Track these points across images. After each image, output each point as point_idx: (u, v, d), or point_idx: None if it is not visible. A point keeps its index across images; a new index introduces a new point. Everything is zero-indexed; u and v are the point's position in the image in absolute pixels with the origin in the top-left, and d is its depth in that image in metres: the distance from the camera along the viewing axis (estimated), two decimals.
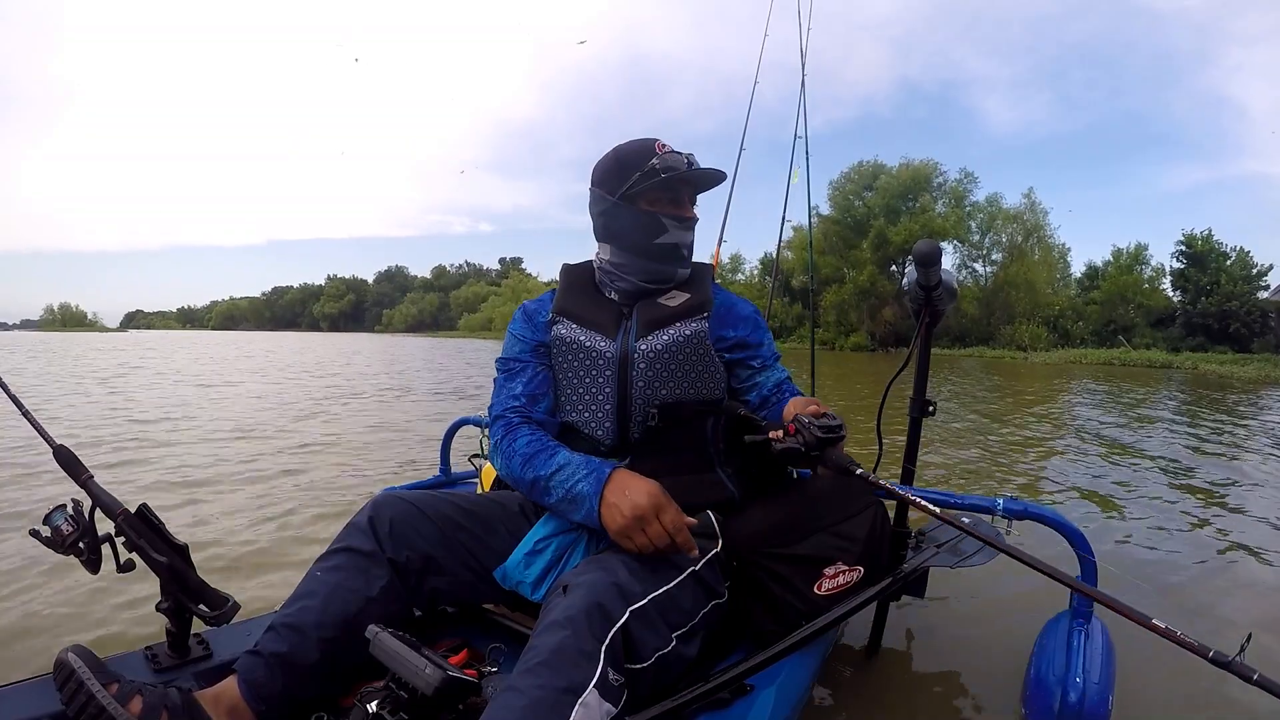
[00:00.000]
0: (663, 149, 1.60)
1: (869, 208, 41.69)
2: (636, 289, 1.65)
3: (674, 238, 1.62)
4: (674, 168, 1.58)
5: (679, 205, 1.63)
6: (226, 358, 19.98)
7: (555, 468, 1.41)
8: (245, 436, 6.32)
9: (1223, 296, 32.17)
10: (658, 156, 1.58)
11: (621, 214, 1.61)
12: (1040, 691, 1.61)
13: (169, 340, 41.01)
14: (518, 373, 1.62)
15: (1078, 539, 1.69)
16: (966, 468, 5.37)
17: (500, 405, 1.59)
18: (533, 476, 1.44)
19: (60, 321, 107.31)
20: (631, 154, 1.60)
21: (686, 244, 1.66)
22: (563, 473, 1.40)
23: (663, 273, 1.64)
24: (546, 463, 1.43)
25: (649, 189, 1.58)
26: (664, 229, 1.61)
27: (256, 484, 4.44)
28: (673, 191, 1.62)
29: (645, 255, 1.62)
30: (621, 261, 1.64)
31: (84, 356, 20.64)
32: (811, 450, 1.33)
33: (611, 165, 1.63)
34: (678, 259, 1.65)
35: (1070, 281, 41.64)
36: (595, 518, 1.34)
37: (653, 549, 1.30)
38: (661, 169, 1.57)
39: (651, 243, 1.61)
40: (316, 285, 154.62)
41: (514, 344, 1.66)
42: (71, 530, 1.32)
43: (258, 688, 1.25)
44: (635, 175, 1.58)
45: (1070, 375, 19.84)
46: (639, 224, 1.60)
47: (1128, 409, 10.38)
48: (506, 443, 1.51)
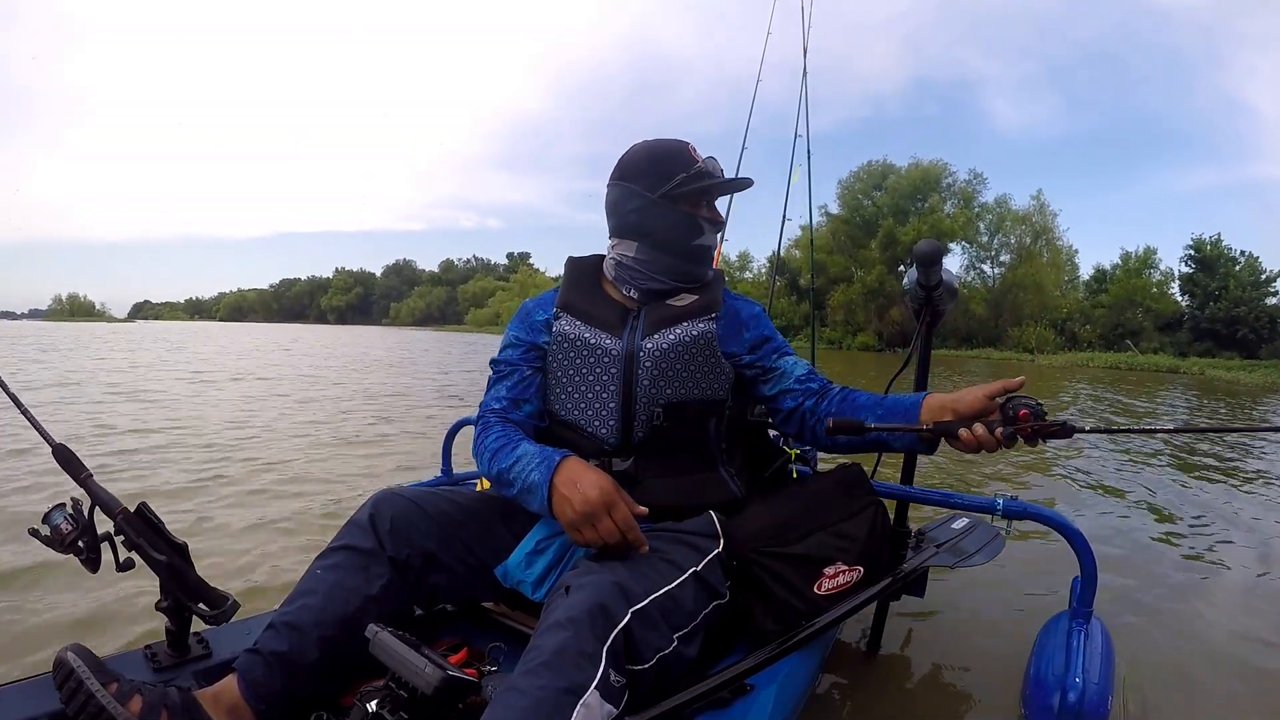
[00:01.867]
0: (695, 152, 1.63)
1: (878, 207, 41.79)
2: (663, 287, 1.64)
3: (708, 240, 1.66)
4: (714, 174, 1.63)
5: (712, 209, 1.68)
6: (275, 361, 17.54)
7: (514, 459, 1.42)
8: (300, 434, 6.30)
9: (1231, 302, 32.10)
10: (699, 161, 1.62)
11: (662, 213, 1.61)
12: (1040, 691, 1.61)
13: (188, 333, 40.17)
14: (505, 375, 1.63)
15: (1077, 538, 1.68)
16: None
17: (483, 407, 1.61)
18: (497, 470, 1.45)
19: (68, 311, 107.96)
20: (671, 154, 1.62)
21: (713, 246, 1.70)
22: (519, 464, 1.40)
23: (694, 273, 1.66)
24: (508, 455, 1.44)
25: (690, 193, 1.61)
26: (701, 230, 1.63)
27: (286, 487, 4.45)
28: (709, 195, 1.66)
29: (680, 255, 1.63)
30: (648, 259, 1.62)
31: (99, 350, 19.97)
32: (1042, 418, 1.29)
33: (646, 163, 1.63)
34: (708, 260, 1.69)
35: (1078, 284, 41.61)
36: (547, 507, 1.34)
37: (598, 543, 1.30)
38: (706, 173, 1.61)
39: (690, 244, 1.63)
40: (324, 278, 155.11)
41: (507, 345, 1.66)
42: (71, 529, 1.31)
43: (257, 686, 1.25)
44: (680, 176, 1.59)
45: (1074, 378, 19.75)
46: (679, 224, 1.61)
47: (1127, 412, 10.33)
48: (479, 440, 1.54)
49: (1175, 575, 3.11)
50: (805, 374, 1.67)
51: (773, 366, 1.66)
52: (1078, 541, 1.68)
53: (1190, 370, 25.44)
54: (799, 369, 1.67)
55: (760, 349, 1.67)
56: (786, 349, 1.71)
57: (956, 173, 42.22)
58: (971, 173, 42.35)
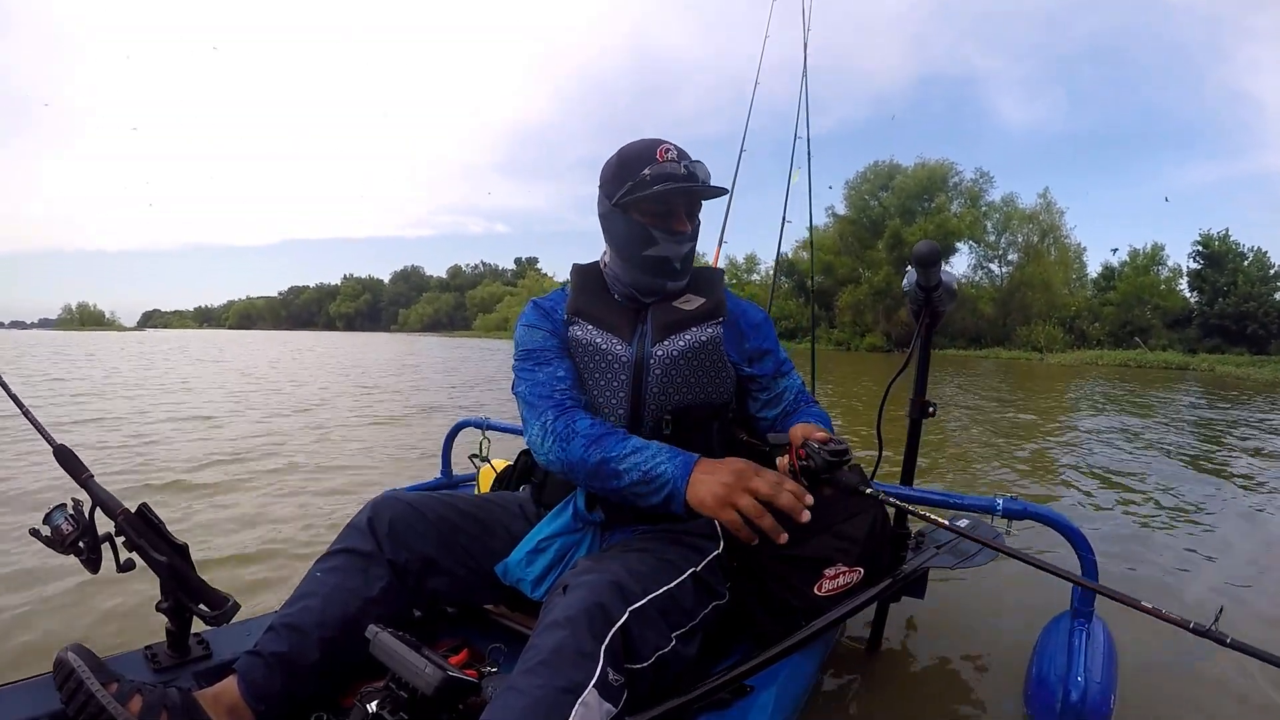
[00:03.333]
0: (664, 154, 1.52)
1: (885, 208, 41.75)
2: (635, 296, 1.61)
3: (663, 251, 1.55)
4: (669, 177, 1.50)
5: (671, 218, 1.55)
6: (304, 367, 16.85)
7: (630, 449, 1.34)
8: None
9: (1240, 297, 32.02)
10: (655, 164, 1.51)
11: (616, 221, 1.57)
12: (1042, 691, 1.60)
13: (206, 343, 39.43)
14: (552, 359, 1.54)
15: (1077, 538, 1.68)
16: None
17: (545, 386, 1.50)
18: (600, 458, 1.34)
19: (78, 321, 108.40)
20: (630, 158, 1.54)
21: (679, 257, 1.57)
22: (639, 455, 1.32)
23: (651, 285, 1.59)
24: (619, 445, 1.35)
25: (641, 201, 1.52)
26: (653, 241, 1.54)
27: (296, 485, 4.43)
28: (666, 203, 1.53)
29: (635, 266, 1.57)
30: (619, 269, 1.61)
31: (129, 361, 18.99)
32: (822, 474, 1.33)
33: (613, 168, 1.57)
34: (668, 272, 1.58)
35: (1086, 282, 41.46)
36: (680, 497, 1.27)
37: (757, 507, 1.23)
38: (653, 179, 1.50)
39: (640, 254, 1.56)
40: (333, 285, 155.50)
41: (538, 335, 1.58)
42: (72, 530, 1.32)
43: (257, 687, 1.26)
44: (629, 183, 1.52)
45: (1085, 377, 19.69)
46: (629, 233, 1.55)
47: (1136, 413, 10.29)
48: (563, 423, 1.41)
49: (1177, 574, 3.10)
50: (794, 397, 1.70)
51: (769, 387, 1.68)
52: (1078, 541, 1.68)
53: (1200, 367, 25.33)
54: (790, 394, 1.69)
55: (760, 362, 1.67)
56: (786, 366, 1.71)
57: (963, 172, 42.19)
58: (978, 171, 42.31)
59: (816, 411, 1.67)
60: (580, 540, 1.53)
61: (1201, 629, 0.97)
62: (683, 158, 1.54)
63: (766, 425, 1.70)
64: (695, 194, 1.57)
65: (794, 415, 1.67)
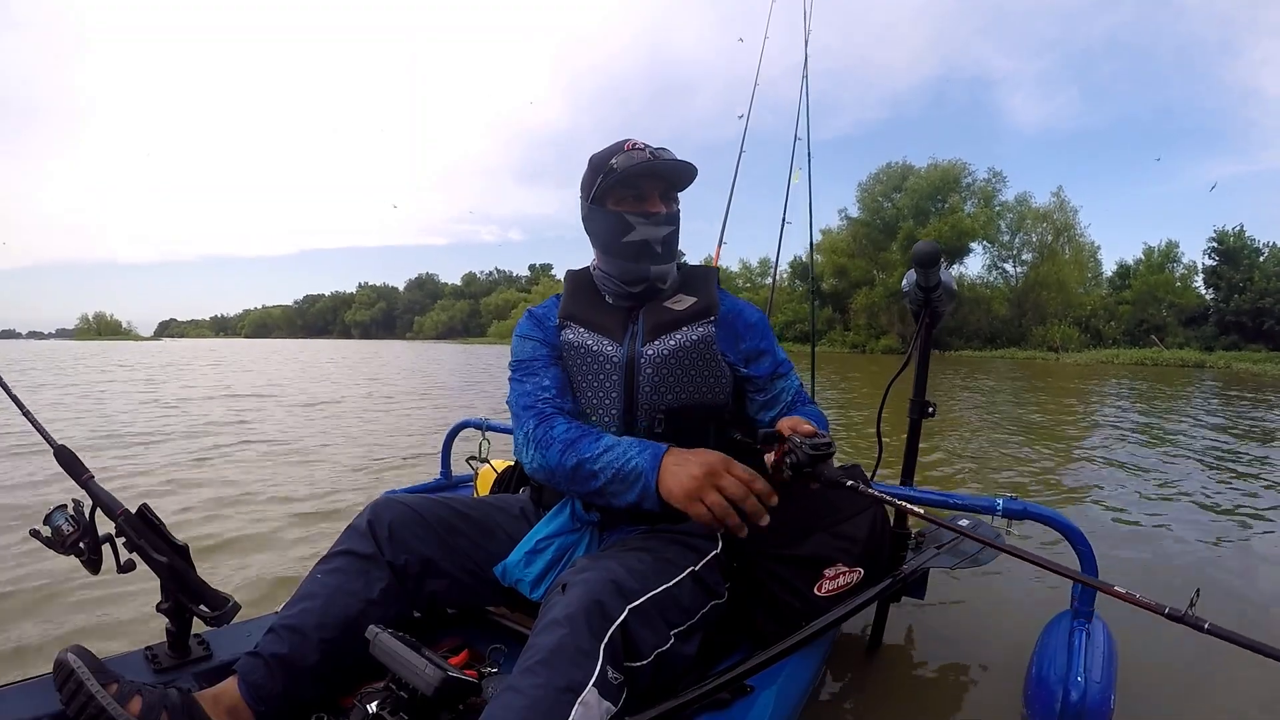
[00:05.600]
0: (631, 147, 1.57)
1: (898, 209, 41.60)
2: (624, 291, 1.63)
3: (642, 234, 1.58)
4: (635, 161, 1.56)
5: (644, 201, 1.59)
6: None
7: (603, 449, 1.36)
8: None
9: (1256, 294, 31.64)
10: (621, 155, 1.56)
11: (595, 217, 1.61)
12: (1042, 691, 1.59)
13: (226, 352, 38.77)
14: (539, 370, 1.58)
15: (1077, 538, 1.67)
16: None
17: (529, 396, 1.53)
18: (576, 461, 1.38)
19: (95, 330, 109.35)
20: (601, 158, 1.60)
21: (658, 240, 1.60)
22: (611, 453, 1.35)
23: (636, 271, 1.61)
24: (592, 445, 1.38)
25: (612, 189, 1.58)
26: (630, 227, 1.58)
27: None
28: (636, 189, 1.58)
29: (617, 255, 1.60)
30: (605, 263, 1.64)
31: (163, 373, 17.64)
32: (804, 468, 1.33)
33: (587, 173, 1.63)
34: (650, 256, 1.60)
35: (1101, 281, 41.20)
36: (652, 490, 1.29)
37: (724, 506, 1.24)
38: (619, 167, 1.55)
39: (620, 241, 1.59)
40: (348, 293, 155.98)
41: (529, 346, 1.63)
42: (72, 530, 1.33)
43: (258, 688, 1.26)
44: (600, 179, 1.57)
45: (1102, 377, 19.54)
46: (607, 225, 1.59)
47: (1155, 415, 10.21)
48: (542, 430, 1.45)
49: (1179, 574, 3.08)
50: (792, 399, 1.69)
51: (767, 388, 1.67)
52: (1078, 541, 1.67)
53: (1216, 364, 25.15)
54: (788, 394, 1.68)
55: (756, 362, 1.66)
56: (784, 367, 1.70)
57: (976, 172, 41.99)
58: (991, 171, 42.13)
59: (813, 411, 1.67)
60: (578, 540, 1.53)
61: (1177, 614, 0.94)
62: (649, 148, 1.58)
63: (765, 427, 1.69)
64: (659, 171, 1.58)
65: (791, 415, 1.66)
